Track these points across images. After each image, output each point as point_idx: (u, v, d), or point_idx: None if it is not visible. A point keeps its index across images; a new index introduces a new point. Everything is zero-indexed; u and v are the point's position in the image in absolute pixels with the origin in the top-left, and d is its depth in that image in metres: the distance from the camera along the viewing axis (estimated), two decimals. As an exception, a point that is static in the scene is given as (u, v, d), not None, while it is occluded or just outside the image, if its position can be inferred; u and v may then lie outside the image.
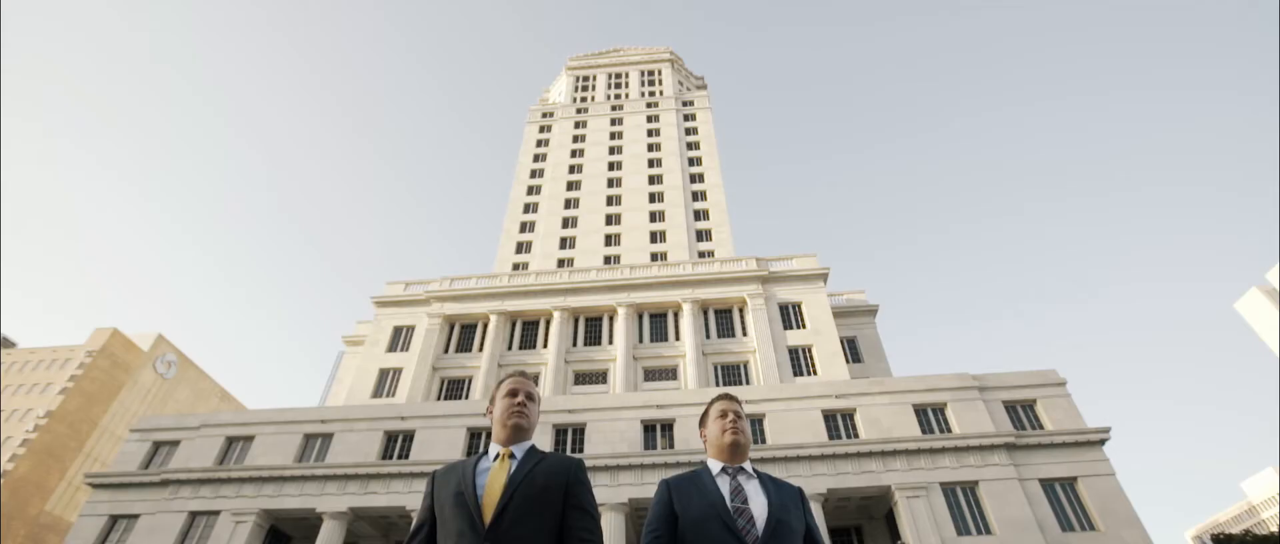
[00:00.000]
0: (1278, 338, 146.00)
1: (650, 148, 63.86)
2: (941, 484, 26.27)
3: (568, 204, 59.01)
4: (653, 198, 58.05)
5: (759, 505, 2.77)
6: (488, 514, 2.55)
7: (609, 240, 54.82)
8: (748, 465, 2.99)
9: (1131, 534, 24.25)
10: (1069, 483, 26.32)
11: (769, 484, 2.89)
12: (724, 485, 2.86)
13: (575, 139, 66.92)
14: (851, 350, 43.75)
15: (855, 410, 29.37)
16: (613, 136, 66.43)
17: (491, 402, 3.02)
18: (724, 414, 3.06)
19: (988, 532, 24.96)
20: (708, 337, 40.85)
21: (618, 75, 78.43)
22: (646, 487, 27.30)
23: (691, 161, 63.25)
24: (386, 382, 40.67)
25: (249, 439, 31.30)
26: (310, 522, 29.43)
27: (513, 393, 2.95)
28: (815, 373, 37.26)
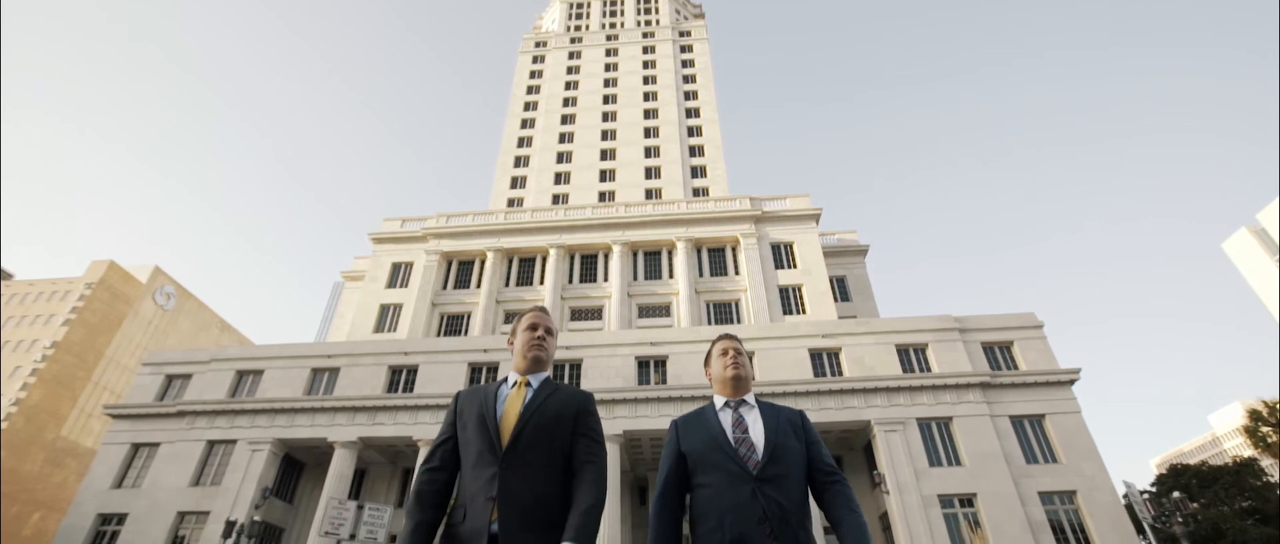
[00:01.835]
0: (1278, 275, 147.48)
1: (646, 80, 62.45)
2: (918, 419, 27.92)
3: (562, 139, 58.27)
4: (648, 132, 57.34)
5: (758, 433, 2.96)
6: (505, 437, 2.81)
7: (604, 176, 54.59)
8: (749, 397, 3.16)
9: (1089, 466, 26.14)
10: (1037, 419, 28.02)
11: (769, 412, 3.06)
12: (726, 418, 3.05)
13: (569, 70, 65.20)
14: (841, 289, 44.86)
15: (840, 349, 30.65)
16: (608, 68, 64.72)
17: (512, 334, 3.23)
18: (725, 352, 3.25)
19: (958, 463, 26.81)
20: (701, 275, 41.70)
21: (613, 0, 75.45)
22: (640, 420, 28.84)
23: (688, 95, 62.04)
24: (387, 317, 41.68)
25: (258, 373, 32.52)
26: (322, 450, 31.13)
27: (533, 327, 3.15)
28: (805, 312, 38.41)
